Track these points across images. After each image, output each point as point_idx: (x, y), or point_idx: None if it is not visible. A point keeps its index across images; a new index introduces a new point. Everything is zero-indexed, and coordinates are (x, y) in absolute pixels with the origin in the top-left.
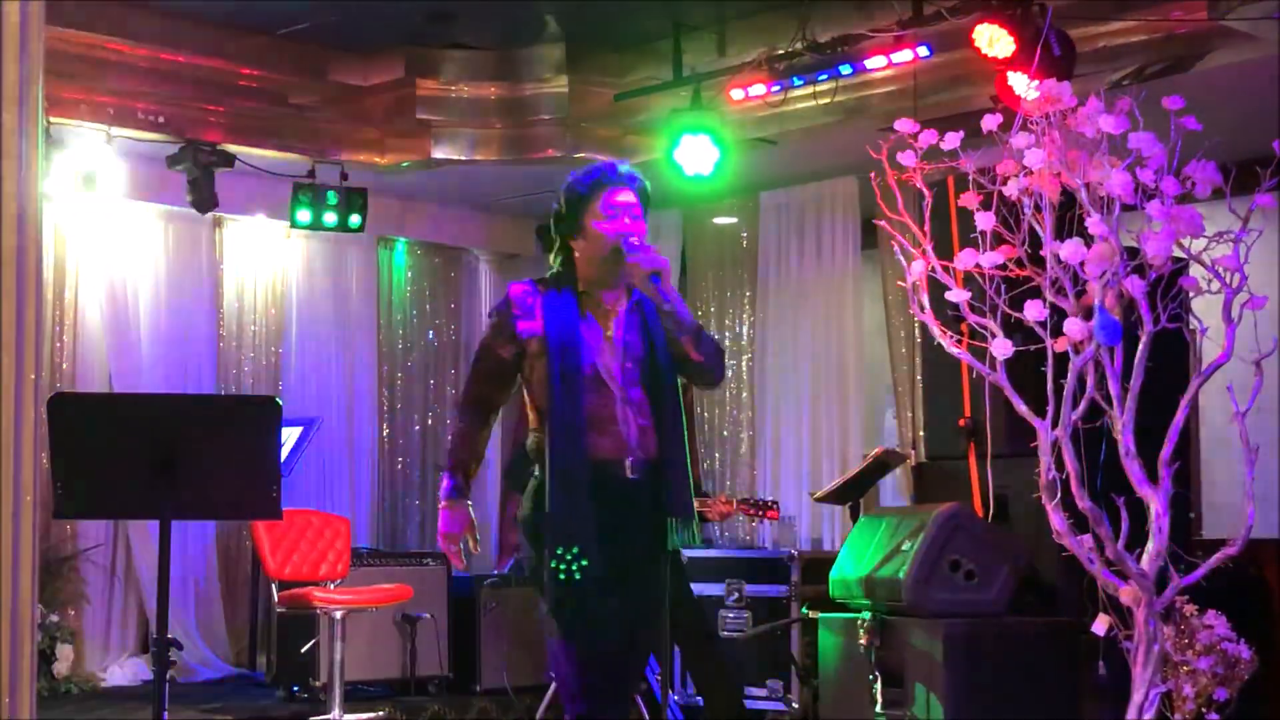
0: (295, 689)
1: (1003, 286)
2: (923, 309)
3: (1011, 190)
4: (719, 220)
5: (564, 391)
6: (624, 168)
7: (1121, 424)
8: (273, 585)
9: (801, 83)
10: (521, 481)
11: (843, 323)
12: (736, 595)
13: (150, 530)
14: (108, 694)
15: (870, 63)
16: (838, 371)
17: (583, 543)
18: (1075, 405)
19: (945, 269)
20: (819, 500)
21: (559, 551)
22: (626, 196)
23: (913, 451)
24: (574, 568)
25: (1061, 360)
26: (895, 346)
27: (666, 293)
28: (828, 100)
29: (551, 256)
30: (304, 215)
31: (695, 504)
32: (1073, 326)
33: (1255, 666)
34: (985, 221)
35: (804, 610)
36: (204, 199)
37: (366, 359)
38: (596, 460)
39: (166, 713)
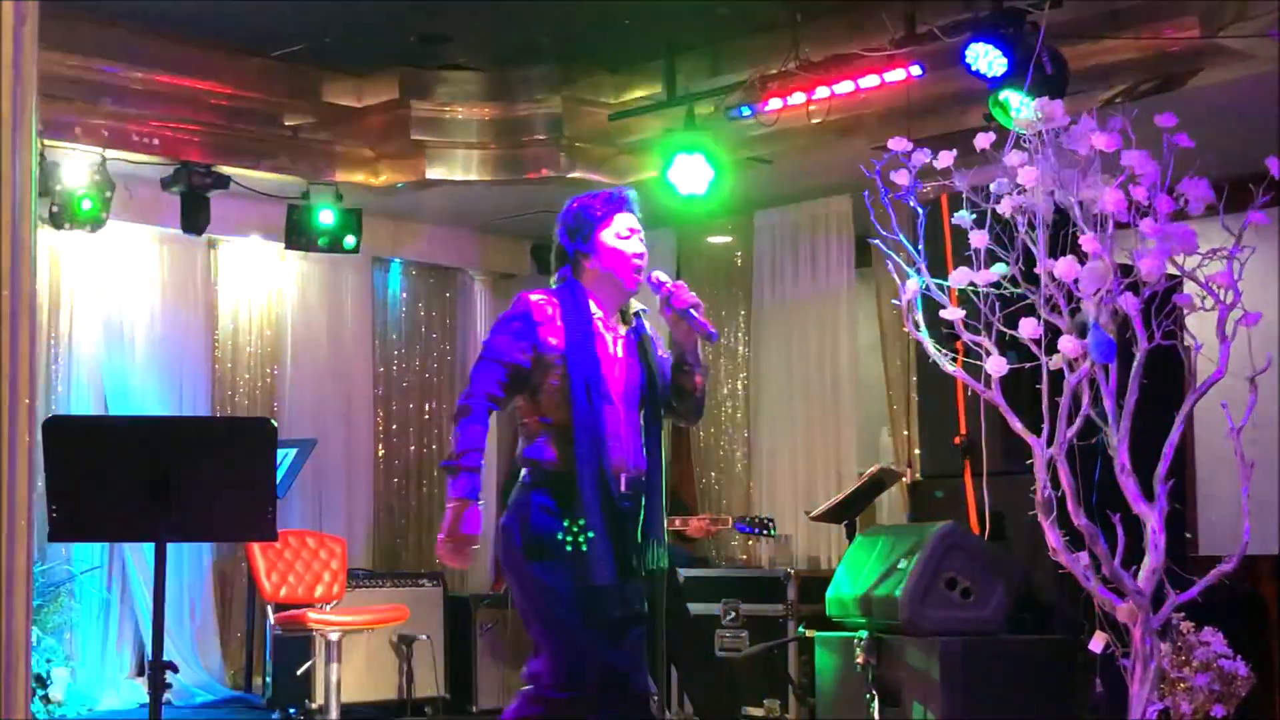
0: (292, 711)
1: (997, 304)
2: (917, 327)
3: (1005, 208)
4: (713, 239)
5: (588, 402)
6: (631, 194)
7: (1117, 441)
8: (269, 607)
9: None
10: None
11: (838, 341)
12: (733, 614)
13: (146, 553)
14: (104, 718)
15: (863, 81)
16: (833, 390)
17: (598, 539)
18: (1070, 422)
19: (939, 287)
20: (815, 519)
21: (565, 524)
22: (634, 222)
23: (908, 469)
24: (580, 539)
25: (1056, 378)
26: (890, 364)
27: (705, 323)
28: (821, 119)
29: (556, 274)
30: (298, 237)
31: (678, 521)
32: (1067, 344)
33: (1252, 683)
34: (979, 239)
35: (801, 629)
36: (196, 221)
37: (362, 380)
38: (608, 472)
39: None
